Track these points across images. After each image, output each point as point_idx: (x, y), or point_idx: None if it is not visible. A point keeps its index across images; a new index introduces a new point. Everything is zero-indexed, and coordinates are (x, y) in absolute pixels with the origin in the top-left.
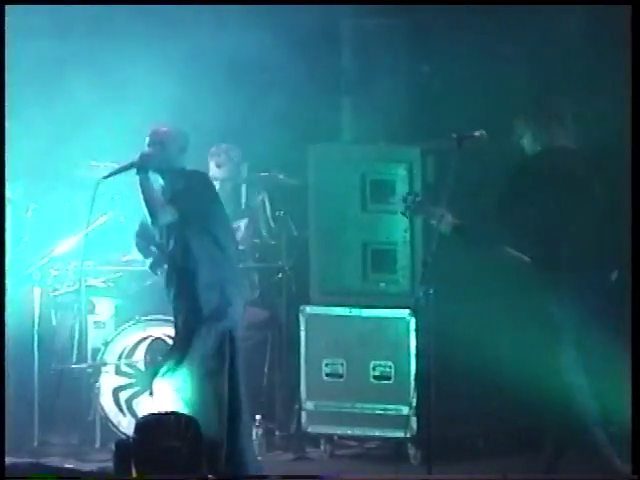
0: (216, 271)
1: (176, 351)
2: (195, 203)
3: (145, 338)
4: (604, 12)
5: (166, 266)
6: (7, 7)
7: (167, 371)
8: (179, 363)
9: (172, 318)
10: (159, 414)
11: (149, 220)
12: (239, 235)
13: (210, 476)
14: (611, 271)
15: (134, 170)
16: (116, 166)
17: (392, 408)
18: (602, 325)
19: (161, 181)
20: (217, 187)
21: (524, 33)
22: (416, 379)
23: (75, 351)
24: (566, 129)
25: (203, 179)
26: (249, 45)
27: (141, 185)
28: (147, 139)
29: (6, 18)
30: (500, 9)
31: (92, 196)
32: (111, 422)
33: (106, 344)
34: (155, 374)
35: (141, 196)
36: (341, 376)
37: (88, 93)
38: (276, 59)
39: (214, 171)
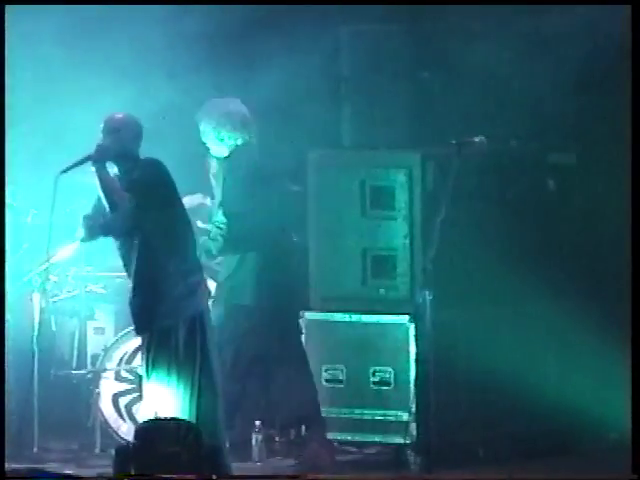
0: (176, 259)
1: (148, 348)
2: (151, 190)
3: None
4: (604, 12)
5: (124, 262)
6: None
7: (148, 373)
8: (156, 362)
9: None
10: (159, 420)
11: (107, 207)
12: None
13: (214, 476)
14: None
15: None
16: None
17: (392, 414)
18: None
19: (117, 170)
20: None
21: (524, 37)
22: (416, 385)
23: (75, 357)
24: (248, 126)
25: (159, 167)
26: (249, 51)
27: (98, 175)
28: (101, 126)
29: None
30: (499, 13)
31: (53, 192)
32: (111, 428)
33: (106, 350)
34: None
35: (98, 185)
36: (341, 382)
37: (90, 98)
38: (276, 65)
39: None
